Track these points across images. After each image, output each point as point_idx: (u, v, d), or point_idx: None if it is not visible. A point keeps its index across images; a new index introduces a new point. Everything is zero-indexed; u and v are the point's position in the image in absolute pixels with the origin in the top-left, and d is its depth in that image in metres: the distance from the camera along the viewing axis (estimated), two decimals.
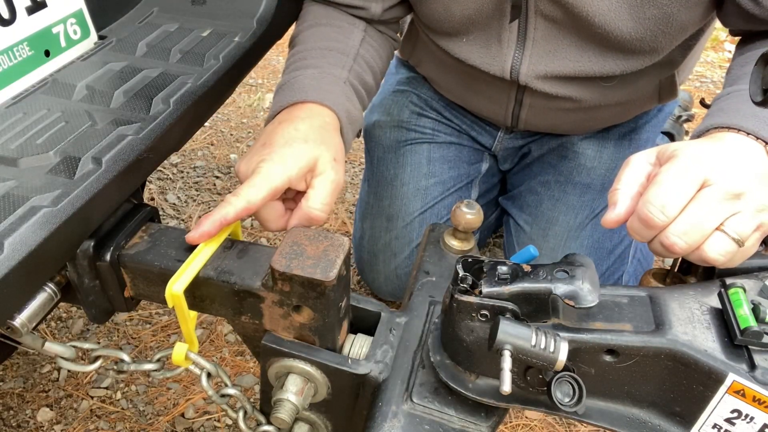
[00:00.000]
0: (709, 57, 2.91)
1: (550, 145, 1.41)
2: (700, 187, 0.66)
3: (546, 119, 1.27)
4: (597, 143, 1.38)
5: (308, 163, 0.79)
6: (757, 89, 0.66)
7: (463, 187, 1.48)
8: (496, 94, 1.24)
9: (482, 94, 1.28)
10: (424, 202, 1.43)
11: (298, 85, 0.92)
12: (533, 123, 1.29)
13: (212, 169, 2.08)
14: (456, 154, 1.47)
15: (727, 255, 0.66)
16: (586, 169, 1.37)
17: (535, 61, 1.09)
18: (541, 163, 1.44)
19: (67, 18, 0.89)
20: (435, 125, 1.47)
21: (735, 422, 0.60)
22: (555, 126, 1.33)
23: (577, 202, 1.37)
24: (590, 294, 0.61)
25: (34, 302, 0.73)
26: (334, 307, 0.69)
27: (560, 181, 1.39)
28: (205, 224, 0.74)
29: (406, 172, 1.45)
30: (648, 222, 0.66)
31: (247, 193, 0.75)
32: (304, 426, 0.81)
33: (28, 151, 0.72)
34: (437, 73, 1.39)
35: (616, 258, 1.37)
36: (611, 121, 1.34)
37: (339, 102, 0.91)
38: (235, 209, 0.74)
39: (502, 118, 1.31)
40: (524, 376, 0.62)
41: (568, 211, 1.37)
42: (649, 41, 1.00)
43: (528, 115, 1.26)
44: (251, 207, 0.76)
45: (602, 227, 1.36)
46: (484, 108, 1.34)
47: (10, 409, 1.32)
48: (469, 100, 1.37)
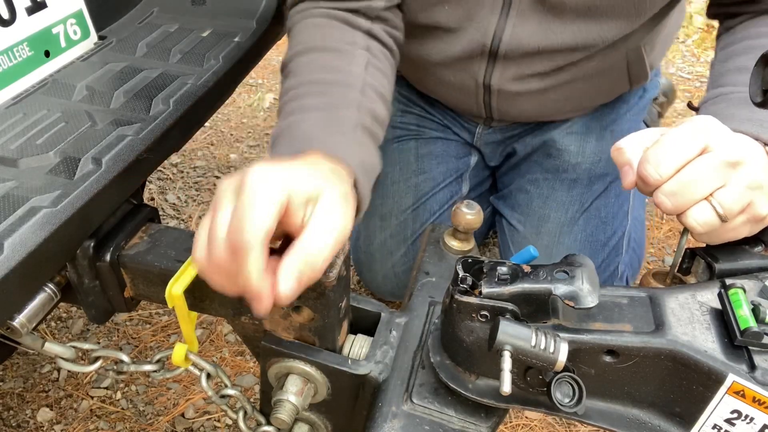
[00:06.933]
0: (709, 57, 2.91)
1: (534, 144, 1.42)
2: (700, 152, 0.66)
3: (515, 105, 1.27)
4: (579, 138, 1.38)
5: (309, 188, 0.59)
6: (757, 89, 0.66)
7: (453, 182, 1.49)
8: (463, 83, 1.23)
9: (451, 86, 1.27)
10: (416, 198, 1.44)
11: (299, 133, 0.75)
12: (505, 110, 1.29)
13: (212, 169, 2.08)
14: (443, 149, 1.48)
15: (707, 227, 0.66)
16: (571, 165, 1.38)
17: (519, 31, 1.07)
18: (528, 162, 1.44)
19: (67, 18, 0.89)
20: (420, 121, 1.47)
21: (735, 423, 0.60)
22: (526, 112, 1.32)
23: (566, 197, 1.38)
24: (590, 295, 0.61)
25: (34, 302, 0.73)
26: (334, 308, 0.69)
27: (548, 179, 1.40)
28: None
29: (396, 170, 1.46)
30: (644, 179, 0.67)
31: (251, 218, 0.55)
32: (304, 426, 0.81)
33: (28, 151, 0.72)
34: (411, 71, 1.38)
35: (610, 250, 1.38)
36: (584, 103, 1.34)
37: (351, 152, 0.74)
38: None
39: (475, 109, 1.31)
40: (524, 376, 0.62)
41: (559, 207, 1.38)
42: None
43: (499, 102, 1.25)
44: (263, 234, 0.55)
45: (594, 220, 1.38)
46: (457, 101, 1.34)
47: (10, 409, 1.32)
48: (443, 94, 1.36)
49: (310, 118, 0.78)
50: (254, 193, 0.55)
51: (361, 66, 0.89)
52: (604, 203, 1.38)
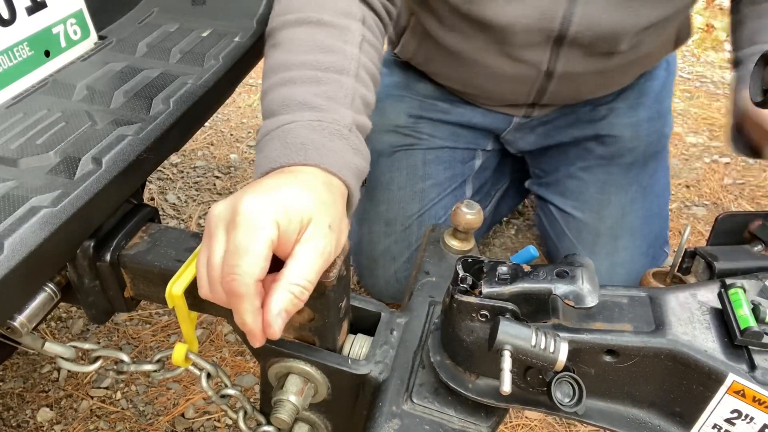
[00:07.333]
0: (709, 57, 2.91)
1: (583, 134, 1.44)
2: None
3: (573, 86, 1.28)
4: (630, 124, 1.43)
5: (300, 216, 0.59)
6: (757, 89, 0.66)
7: (458, 187, 1.49)
8: (522, 72, 1.22)
9: (505, 78, 1.26)
10: (422, 204, 1.44)
11: (292, 139, 0.70)
12: (560, 93, 1.29)
13: (212, 169, 2.08)
14: (450, 155, 1.48)
15: None
16: (628, 149, 1.43)
17: (591, 11, 1.06)
18: (577, 149, 1.47)
19: (67, 18, 0.89)
20: (433, 129, 1.47)
21: (735, 422, 0.60)
22: (577, 94, 1.35)
23: (624, 180, 1.43)
24: (590, 294, 0.61)
25: (34, 302, 0.73)
26: (334, 308, 0.69)
27: (602, 164, 1.44)
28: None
29: (402, 175, 1.45)
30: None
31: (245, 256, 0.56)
32: (304, 426, 0.81)
33: (28, 151, 0.72)
34: (448, 68, 1.36)
35: (663, 220, 1.47)
36: (636, 73, 1.37)
37: (345, 162, 0.71)
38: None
39: (524, 98, 1.31)
40: (524, 376, 0.62)
41: (618, 191, 1.43)
42: None
43: (556, 86, 1.25)
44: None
45: (650, 196, 1.44)
46: (507, 91, 1.33)
47: (10, 409, 1.32)
48: (490, 87, 1.34)
49: (303, 119, 0.72)
50: (245, 234, 0.56)
51: (356, 44, 0.84)
52: (657, 179, 1.45)
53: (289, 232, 0.58)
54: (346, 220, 0.67)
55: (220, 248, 0.59)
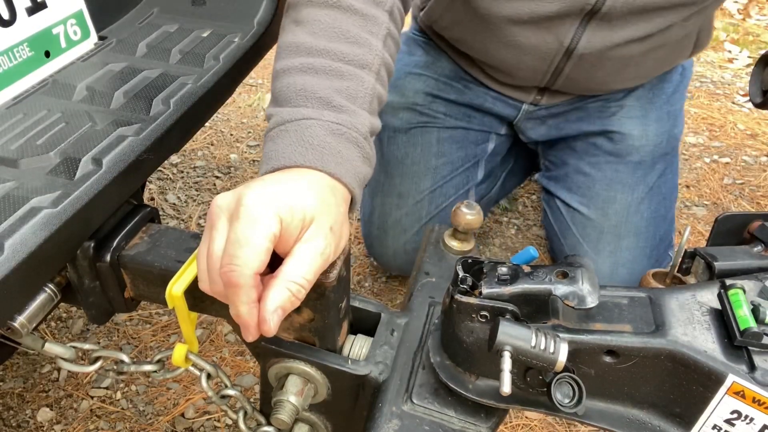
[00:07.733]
0: (709, 57, 2.91)
1: (591, 128, 1.45)
2: None
3: (589, 73, 1.28)
4: (640, 122, 1.44)
5: (303, 214, 0.59)
6: (756, 90, 0.66)
7: (471, 167, 1.54)
8: (542, 45, 1.23)
9: (524, 49, 1.26)
10: (434, 181, 1.49)
11: (309, 138, 0.69)
12: (574, 78, 1.30)
13: (212, 169, 2.08)
14: (464, 135, 1.52)
15: None
16: (635, 148, 1.44)
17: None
18: (585, 144, 1.49)
19: (68, 19, 0.89)
20: (448, 109, 1.50)
21: (735, 423, 0.60)
22: (590, 83, 1.35)
23: (631, 179, 1.44)
24: (590, 295, 0.61)
25: (34, 303, 0.73)
26: (334, 308, 0.69)
27: (610, 162, 1.45)
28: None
29: (417, 151, 1.50)
30: None
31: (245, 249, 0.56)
32: (304, 427, 0.81)
33: (28, 152, 0.72)
34: (472, 34, 1.35)
35: (669, 222, 1.47)
36: (650, 73, 1.38)
37: (356, 170, 0.71)
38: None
39: (539, 77, 1.32)
40: (524, 377, 0.62)
41: (624, 189, 1.44)
42: None
43: (573, 69, 1.26)
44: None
45: (657, 197, 1.44)
46: (523, 65, 1.32)
47: (10, 409, 1.32)
48: (507, 57, 1.32)
49: (323, 118, 0.71)
50: (247, 225, 0.56)
51: (381, 38, 0.81)
52: (664, 180, 1.46)
53: (290, 229, 0.58)
54: (347, 224, 0.67)
55: (221, 239, 0.59)
